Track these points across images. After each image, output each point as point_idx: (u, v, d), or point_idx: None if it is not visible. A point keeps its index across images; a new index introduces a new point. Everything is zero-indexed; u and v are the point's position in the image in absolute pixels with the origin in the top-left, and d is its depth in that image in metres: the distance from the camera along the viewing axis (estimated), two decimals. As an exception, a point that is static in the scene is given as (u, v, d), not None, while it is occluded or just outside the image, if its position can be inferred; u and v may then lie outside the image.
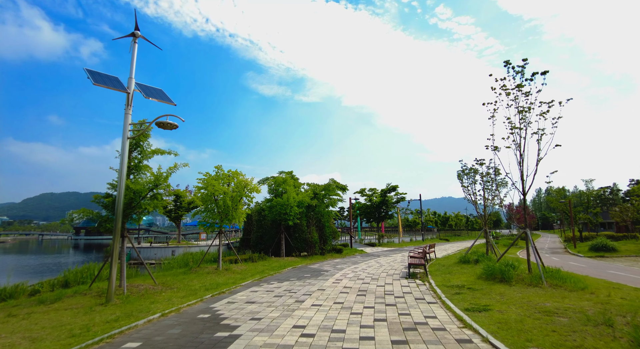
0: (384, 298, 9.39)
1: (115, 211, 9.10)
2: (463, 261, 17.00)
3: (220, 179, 15.71)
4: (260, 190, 16.48)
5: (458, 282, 11.45)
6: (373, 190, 44.48)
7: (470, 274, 13.13)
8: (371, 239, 47.88)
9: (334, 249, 25.16)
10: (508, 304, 7.95)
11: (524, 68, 11.38)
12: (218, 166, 15.97)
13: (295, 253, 22.25)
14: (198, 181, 15.11)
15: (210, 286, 11.37)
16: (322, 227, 23.91)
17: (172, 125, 9.08)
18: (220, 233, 16.09)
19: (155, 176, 10.89)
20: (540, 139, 11.26)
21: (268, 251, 22.21)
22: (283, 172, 25.77)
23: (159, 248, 41.00)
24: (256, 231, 23.38)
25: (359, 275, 14.00)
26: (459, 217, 79.02)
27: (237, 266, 15.98)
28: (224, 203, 15.03)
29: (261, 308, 8.30)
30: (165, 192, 11.28)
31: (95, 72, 9.11)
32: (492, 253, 17.89)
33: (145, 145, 11.37)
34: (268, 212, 22.05)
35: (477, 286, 10.52)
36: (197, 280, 12.93)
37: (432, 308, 8.05)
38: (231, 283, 12.24)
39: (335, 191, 27.27)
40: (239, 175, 16.15)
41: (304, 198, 21.76)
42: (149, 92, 9.75)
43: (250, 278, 13.49)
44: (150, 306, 8.35)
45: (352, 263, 19.34)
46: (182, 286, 11.34)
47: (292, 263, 18.85)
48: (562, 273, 10.43)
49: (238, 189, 15.84)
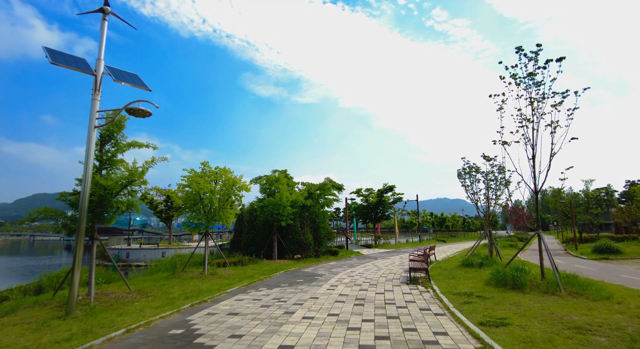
0: (385, 308, 8.33)
1: (80, 210, 7.97)
2: (466, 264, 16.01)
3: (207, 176, 14.59)
4: (250, 188, 15.37)
5: (465, 289, 10.43)
6: (369, 190, 43.47)
7: (476, 279, 12.12)
8: (367, 240, 46.87)
9: (329, 251, 24.09)
10: (528, 317, 6.93)
11: (538, 55, 10.40)
12: (204, 162, 14.84)
13: (289, 256, 21.14)
14: (182, 179, 13.98)
15: (191, 294, 10.25)
16: (317, 228, 22.83)
17: (144, 111, 7.98)
18: (206, 235, 14.97)
19: (129, 171, 9.77)
20: (554, 132, 10.28)
21: (260, 253, 21.09)
22: (277, 171, 24.65)
23: (148, 250, 39.72)
24: (247, 232, 22.25)
25: (356, 280, 12.94)
26: (455, 218, 78.28)
27: (224, 271, 14.85)
28: (210, 203, 13.90)
29: (244, 322, 7.21)
30: (141, 189, 10.15)
31: (57, 51, 7.99)
32: (497, 256, 16.92)
33: (120, 137, 10.25)
34: (260, 212, 20.93)
35: (487, 293, 9.49)
36: (179, 286, 11.80)
37: (441, 322, 7.01)
38: (215, 289, 11.13)
39: (331, 190, 26.21)
40: (227, 173, 15.03)
41: (297, 198, 20.68)
42: (119, 76, 8.63)
43: (237, 283, 12.38)
44: (116, 320, 7.23)
45: (348, 266, 18.28)
46: (160, 294, 10.21)
47: (284, 266, 17.75)
48: (581, 280, 9.44)
49: (226, 187, 14.72)
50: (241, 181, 14.99)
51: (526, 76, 10.68)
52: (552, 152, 10.45)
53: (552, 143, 10.48)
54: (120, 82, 8.47)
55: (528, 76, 10.67)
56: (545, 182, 10.74)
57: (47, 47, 7.78)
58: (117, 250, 40.38)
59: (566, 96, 10.38)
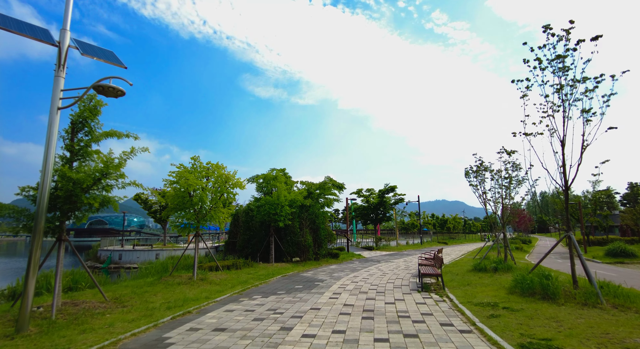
0: (399, 323, 7.08)
1: (38, 207, 6.71)
2: (478, 268, 14.79)
3: (197, 172, 13.33)
4: (244, 185, 14.11)
5: (486, 298, 9.19)
6: (370, 191, 42.22)
7: (495, 286, 10.88)
8: (368, 242, 45.59)
9: (330, 253, 22.82)
10: (578, 337, 5.69)
11: (569, 33, 9.20)
12: (195, 157, 13.58)
13: (287, 259, 19.86)
14: (169, 175, 12.72)
15: (174, 303, 8.98)
16: (317, 229, 21.56)
17: (116, 90, 6.73)
18: (197, 236, 13.71)
19: (104, 162, 8.51)
20: (589, 120, 9.07)
21: (256, 256, 19.80)
22: (274, 169, 23.37)
23: (142, 251, 38.32)
24: (243, 233, 20.96)
25: (361, 287, 11.69)
26: (456, 219, 77.02)
27: (216, 275, 13.57)
28: (201, 201, 12.64)
29: (232, 341, 5.95)
30: (118, 184, 8.88)
31: (8, 18, 6.73)
32: (510, 260, 15.71)
33: (95, 124, 9.00)
34: (256, 212, 19.68)
35: (515, 304, 8.26)
36: (163, 293, 10.53)
37: (470, 342, 5.77)
38: (203, 298, 9.86)
39: (332, 190, 24.97)
40: (219, 168, 13.77)
41: (296, 197, 19.42)
42: (89, 50, 7.38)
43: (229, 290, 11.12)
44: (75, 339, 5.96)
45: (351, 270, 17.03)
46: (139, 303, 8.94)
47: (282, 270, 16.48)
48: (625, 290, 8.22)
49: (218, 184, 13.47)
50: (235, 178, 13.73)
51: (554, 58, 9.48)
52: (585, 143, 9.25)
53: (583, 133, 9.28)
54: (89, 56, 7.21)
55: (556, 59, 9.48)
56: (576, 178, 9.52)
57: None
58: (110, 251, 39.02)
59: (601, 81, 9.19)
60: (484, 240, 65.47)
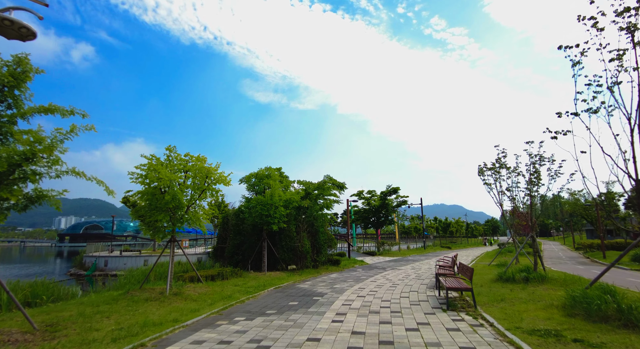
0: (436, 367, 4.89)
1: None
2: (505, 278, 12.62)
3: (173, 165, 11.15)
4: (229, 181, 11.94)
5: (538, 322, 7.00)
6: (372, 193, 40.10)
7: (540, 304, 8.69)
8: (369, 247, 43.32)
9: (330, 260, 20.57)
10: None
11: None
12: (170, 147, 11.39)
13: (281, 266, 17.60)
14: (137, 167, 10.51)
15: (127, 332, 6.76)
16: (316, 233, 19.35)
17: (19, 27, 4.56)
18: (172, 242, 11.50)
19: (29, 143, 6.32)
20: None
21: (247, 263, 17.54)
22: (269, 169, 21.12)
23: (129, 257, 35.89)
24: (233, 238, 18.70)
25: (370, 304, 9.47)
26: (459, 223, 74.79)
27: (195, 289, 11.33)
28: (174, 198, 10.42)
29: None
30: (51, 172, 6.68)
31: None
32: (541, 267, 13.54)
33: (22, 95, 6.82)
34: (248, 214, 17.49)
35: (587, 334, 6.07)
36: (120, 314, 8.30)
37: None
38: (170, 321, 7.65)
39: (331, 190, 22.77)
40: (200, 161, 11.59)
41: (292, 197, 17.21)
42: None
43: (206, 309, 8.91)
44: None
45: (354, 279, 14.82)
46: (78, 333, 6.71)
47: (275, 280, 14.25)
48: None
49: (198, 179, 11.29)
50: (217, 172, 11.55)
51: (622, 12, 7.38)
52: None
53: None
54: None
55: (623, 12, 7.37)
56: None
57: None
58: (95, 257, 36.61)
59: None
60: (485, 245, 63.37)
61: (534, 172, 13.38)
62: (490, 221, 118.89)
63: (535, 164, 13.74)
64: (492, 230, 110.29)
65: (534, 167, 13.81)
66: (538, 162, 13.77)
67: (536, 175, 13.63)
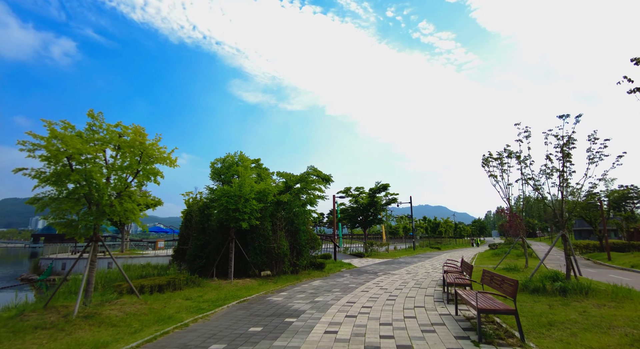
0: None
1: None
2: (533, 289, 9.95)
3: (93, 139, 8.06)
4: (174, 162, 8.92)
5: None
6: (360, 190, 37.35)
7: (613, 332, 5.99)
8: (356, 248, 40.60)
9: (313, 264, 17.64)
10: None
11: None
12: (92, 113, 8.27)
13: (253, 272, 14.57)
14: (35, 137, 7.38)
15: None
16: (296, 232, 16.40)
17: None
18: (94, 241, 8.41)
19: None
20: None
21: (211, 268, 14.45)
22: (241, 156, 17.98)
23: (91, 260, 32.34)
24: (196, 238, 15.57)
25: (364, 330, 6.59)
26: (448, 223, 72.78)
27: (122, 307, 8.22)
28: (90, 180, 7.33)
29: None
30: None
31: None
32: (573, 275, 10.92)
33: None
34: (213, 209, 14.44)
35: None
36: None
37: None
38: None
39: (315, 184, 19.84)
40: (135, 133, 8.53)
41: (268, 188, 14.22)
42: None
43: (123, 342, 5.92)
44: None
45: (342, 289, 11.95)
46: None
47: (241, 291, 11.27)
48: None
49: (129, 158, 8.23)
50: (157, 148, 8.51)
51: None
52: None
53: None
54: None
55: None
56: None
57: None
58: (52, 259, 32.77)
59: None
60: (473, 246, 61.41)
61: (566, 155, 10.74)
62: (477, 222, 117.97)
63: (564, 147, 11.13)
64: (479, 231, 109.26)
65: (562, 150, 11.19)
66: (567, 145, 11.17)
67: (566, 159, 11.02)
